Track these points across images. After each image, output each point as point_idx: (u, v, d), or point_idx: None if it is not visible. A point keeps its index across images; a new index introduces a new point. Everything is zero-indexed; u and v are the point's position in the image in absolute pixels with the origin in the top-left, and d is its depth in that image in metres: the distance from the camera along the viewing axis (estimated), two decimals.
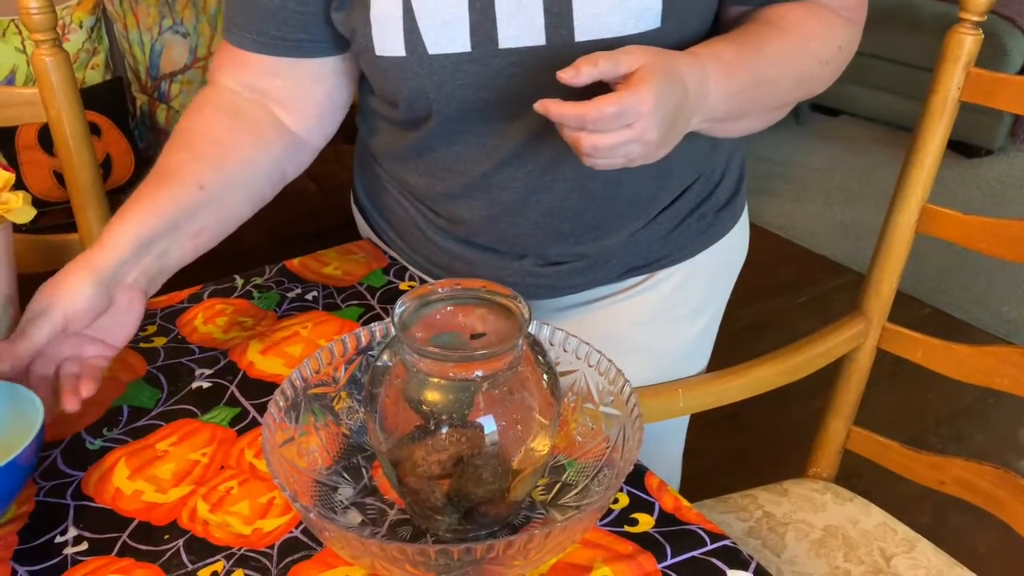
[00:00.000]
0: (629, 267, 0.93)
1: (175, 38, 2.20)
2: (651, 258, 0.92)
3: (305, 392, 0.68)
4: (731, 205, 0.95)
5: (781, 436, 2.04)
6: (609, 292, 0.95)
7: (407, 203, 0.95)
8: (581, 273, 0.92)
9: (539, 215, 0.86)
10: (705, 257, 0.95)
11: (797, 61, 0.77)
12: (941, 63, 0.92)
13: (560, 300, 0.97)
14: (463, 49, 0.75)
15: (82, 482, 0.71)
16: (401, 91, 0.79)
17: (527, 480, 0.64)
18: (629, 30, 0.72)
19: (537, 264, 0.91)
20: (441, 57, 0.75)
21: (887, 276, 1.04)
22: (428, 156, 0.86)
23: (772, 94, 0.79)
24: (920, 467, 1.07)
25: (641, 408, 0.64)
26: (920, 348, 1.04)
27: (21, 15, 0.93)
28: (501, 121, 0.80)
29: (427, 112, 0.81)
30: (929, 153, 0.96)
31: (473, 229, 0.90)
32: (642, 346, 0.97)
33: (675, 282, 0.95)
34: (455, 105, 0.79)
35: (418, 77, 0.77)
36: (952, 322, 2.48)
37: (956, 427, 2.10)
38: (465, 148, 0.83)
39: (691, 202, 0.91)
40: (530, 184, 0.83)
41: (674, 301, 0.96)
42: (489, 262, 0.92)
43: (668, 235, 0.92)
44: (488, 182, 0.84)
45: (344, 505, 0.67)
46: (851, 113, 3.84)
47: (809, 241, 2.91)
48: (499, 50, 0.74)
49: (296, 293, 0.96)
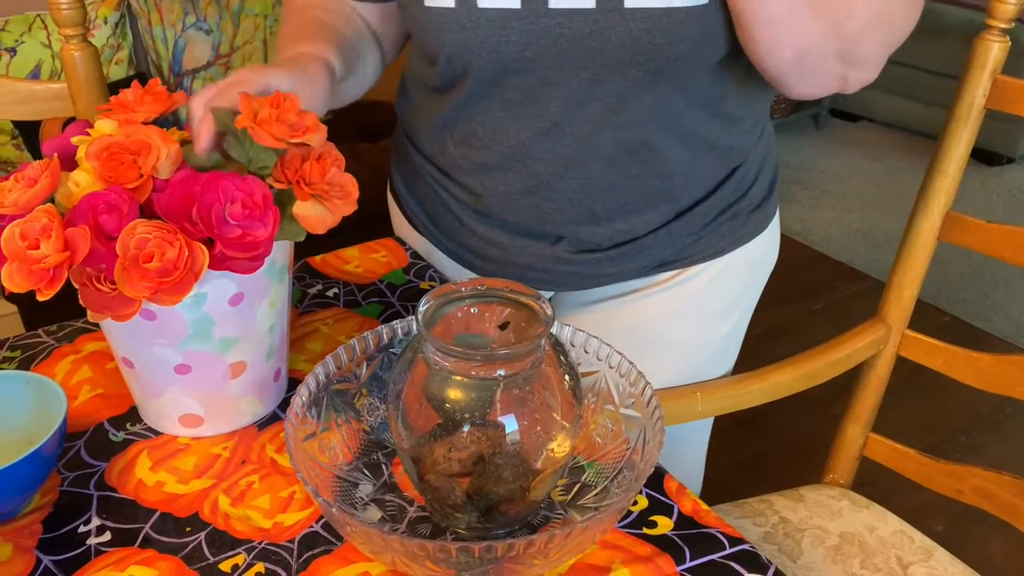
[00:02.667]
0: (661, 260, 0.93)
1: (198, 35, 2.21)
2: (683, 253, 0.93)
3: (327, 388, 0.69)
4: (764, 207, 0.95)
5: (797, 442, 2.03)
6: (639, 286, 0.95)
7: (440, 187, 0.95)
8: (612, 262, 0.92)
9: (573, 191, 0.85)
10: (736, 257, 0.95)
11: None
12: (968, 70, 0.92)
13: (590, 293, 0.97)
14: (513, 5, 0.75)
15: (105, 472, 0.72)
16: (444, 45, 0.79)
17: (547, 480, 0.64)
18: (679, 2, 0.72)
19: (570, 251, 0.91)
20: (490, 11, 0.75)
21: (908, 283, 1.03)
22: (464, 124, 0.86)
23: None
24: (938, 475, 1.07)
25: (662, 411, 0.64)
26: (940, 356, 1.04)
27: (51, 10, 0.94)
28: (542, 87, 0.79)
29: (466, 69, 0.80)
30: (953, 160, 0.96)
31: (506, 204, 0.89)
32: (670, 342, 0.97)
33: (706, 279, 0.95)
34: (496, 63, 0.78)
35: (464, 30, 0.77)
36: (971, 331, 2.47)
37: (973, 437, 2.08)
38: (503, 115, 0.83)
39: (725, 200, 0.91)
40: (567, 157, 0.83)
41: (704, 298, 0.96)
42: (522, 247, 0.92)
43: (701, 231, 0.92)
44: (524, 152, 0.84)
45: (364, 501, 0.68)
46: (870, 119, 3.83)
47: (827, 247, 2.90)
48: (548, 9, 0.74)
49: (317, 289, 0.97)
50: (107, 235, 0.63)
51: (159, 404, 0.74)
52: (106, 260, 0.62)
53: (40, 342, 0.88)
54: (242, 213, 0.63)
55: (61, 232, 0.62)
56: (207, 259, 0.62)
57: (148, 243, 0.61)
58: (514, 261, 0.93)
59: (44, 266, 0.61)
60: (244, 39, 2.26)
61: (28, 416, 0.70)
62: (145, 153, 0.65)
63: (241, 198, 0.64)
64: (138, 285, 0.61)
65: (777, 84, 0.79)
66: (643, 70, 0.76)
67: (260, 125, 0.65)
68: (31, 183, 0.65)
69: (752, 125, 0.90)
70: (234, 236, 0.63)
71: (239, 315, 0.69)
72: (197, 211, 0.63)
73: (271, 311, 0.72)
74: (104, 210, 0.63)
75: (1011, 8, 0.88)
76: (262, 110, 0.66)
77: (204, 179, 0.64)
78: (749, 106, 0.88)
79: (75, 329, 0.89)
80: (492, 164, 0.87)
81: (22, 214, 0.64)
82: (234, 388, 0.73)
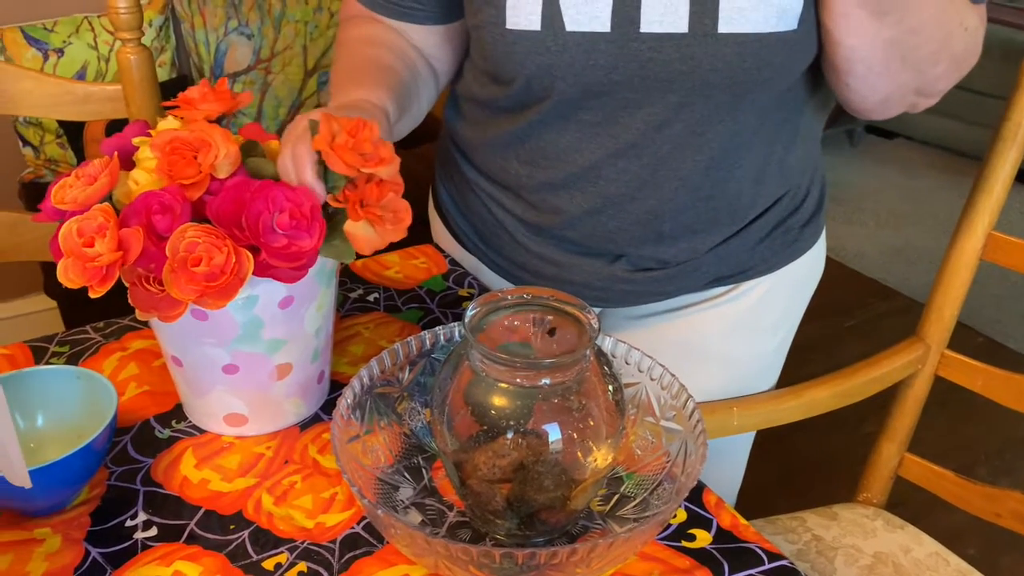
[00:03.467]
0: (716, 276, 0.93)
1: (240, 39, 2.24)
2: (738, 268, 0.93)
3: (371, 391, 0.69)
4: (814, 222, 0.96)
5: (829, 460, 2.01)
6: (693, 301, 0.95)
7: (495, 204, 0.94)
8: (671, 280, 0.92)
9: (643, 212, 0.85)
10: (787, 272, 0.95)
11: (946, 5, 0.74)
12: (1017, 89, 0.91)
13: (641, 308, 0.97)
14: (603, 29, 0.74)
15: (151, 468, 0.73)
16: (525, 68, 0.78)
17: (588, 490, 0.65)
18: (771, 27, 0.73)
19: (628, 270, 0.91)
20: (578, 35, 0.75)
21: (949, 302, 1.02)
22: (534, 142, 0.85)
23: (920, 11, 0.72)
24: (975, 498, 1.05)
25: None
26: (980, 377, 1.03)
27: (109, 14, 0.96)
28: (623, 108, 0.79)
29: (547, 93, 0.79)
30: (999, 180, 0.95)
31: (569, 223, 0.88)
32: (722, 357, 0.97)
33: (758, 294, 0.95)
34: (580, 86, 0.78)
35: (549, 53, 0.76)
36: (1006, 352, 2.43)
37: (1007, 460, 2.05)
38: (579, 136, 0.82)
39: (779, 215, 0.92)
40: (641, 178, 0.83)
41: (757, 313, 0.96)
42: (579, 265, 0.91)
43: (756, 246, 0.92)
44: (596, 173, 0.83)
45: (404, 505, 0.68)
46: (907, 136, 3.79)
47: (860, 264, 2.88)
48: (639, 33, 0.74)
49: (358, 294, 0.98)
50: (159, 235, 0.64)
51: (205, 403, 0.75)
52: (156, 260, 0.64)
53: (88, 338, 0.89)
54: (289, 223, 0.64)
55: (116, 232, 0.63)
56: (252, 266, 0.63)
57: (197, 247, 0.62)
58: (570, 279, 0.92)
59: (98, 264, 0.63)
60: (285, 44, 2.29)
61: (78, 410, 0.72)
62: (206, 150, 0.66)
63: (289, 208, 0.65)
64: (185, 288, 0.62)
65: (852, 111, 0.83)
66: (729, 94, 0.76)
67: (335, 151, 0.65)
68: (91, 180, 0.66)
69: (813, 143, 0.90)
70: (279, 245, 0.64)
71: (288, 318, 0.70)
72: (246, 218, 0.64)
73: (318, 314, 0.73)
74: (158, 210, 0.64)
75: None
76: (339, 135, 0.66)
77: (255, 187, 0.65)
78: (814, 125, 0.89)
79: (122, 326, 0.91)
80: (560, 183, 0.86)
81: (81, 211, 0.65)
82: (279, 389, 0.74)
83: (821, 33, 0.75)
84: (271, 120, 2.35)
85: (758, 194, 0.88)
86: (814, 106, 0.86)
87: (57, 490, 0.66)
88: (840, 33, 0.73)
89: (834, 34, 0.74)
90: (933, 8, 0.73)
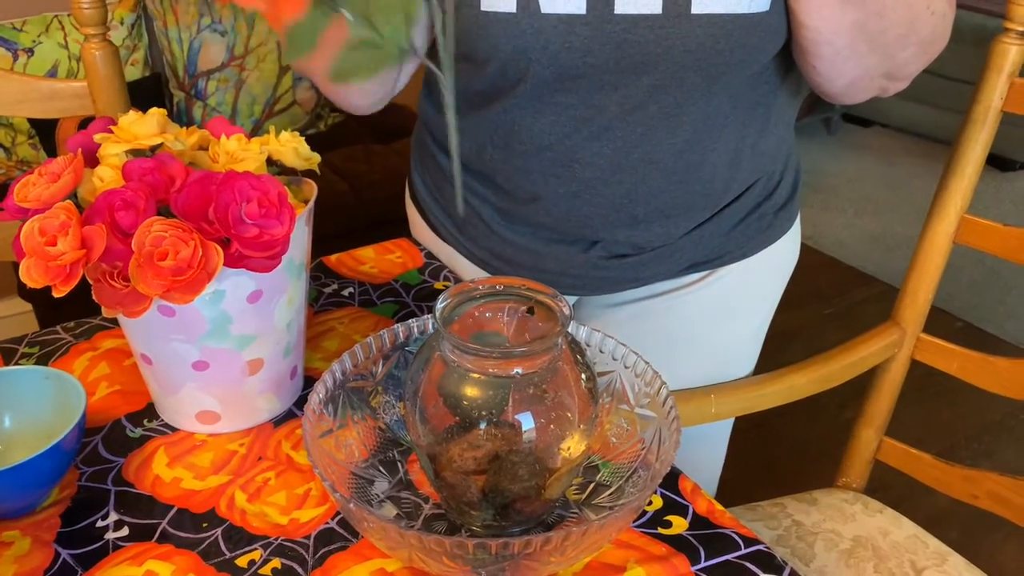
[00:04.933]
0: (691, 262, 0.93)
1: (213, 36, 2.22)
2: (713, 254, 0.93)
3: (344, 386, 0.69)
4: (787, 208, 0.96)
5: (809, 446, 2.02)
6: (669, 288, 0.95)
7: (470, 192, 0.94)
8: (645, 266, 0.92)
9: (618, 195, 0.85)
10: (762, 257, 0.95)
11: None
12: (985, 72, 0.91)
13: (619, 295, 0.97)
14: (577, 11, 0.74)
15: (123, 468, 0.72)
16: (500, 51, 0.78)
17: (562, 479, 0.64)
18: (743, 8, 0.73)
19: (603, 256, 0.90)
20: (553, 16, 0.75)
21: (923, 286, 1.03)
22: (508, 126, 0.84)
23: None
24: (953, 480, 1.06)
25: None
26: (956, 360, 1.03)
27: (73, 9, 0.95)
28: (598, 91, 0.78)
29: (522, 76, 0.79)
30: (970, 163, 0.96)
31: (544, 208, 0.88)
32: (700, 343, 0.97)
33: (734, 280, 0.95)
34: (556, 69, 0.77)
35: (524, 36, 0.76)
36: (984, 336, 2.45)
37: (986, 442, 2.07)
38: (553, 119, 0.82)
39: (753, 200, 0.92)
40: (615, 162, 0.82)
41: (732, 299, 0.96)
42: (555, 254, 0.91)
43: (730, 231, 0.92)
44: (571, 156, 0.83)
45: (380, 498, 0.68)
46: (883, 124, 3.81)
47: (838, 251, 2.89)
48: (614, 15, 0.74)
49: (333, 289, 0.97)
50: (123, 232, 0.63)
51: (176, 400, 0.74)
52: (121, 257, 0.63)
53: (58, 339, 0.88)
54: (258, 212, 0.64)
55: (79, 229, 0.62)
56: (221, 259, 0.63)
57: (164, 241, 0.62)
58: (546, 268, 0.92)
59: (60, 263, 0.62)
60: (259, 41, 2.27)
61: (48, 411, 0.71)
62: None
63: (257, 197, 0.64)
64: (152, 282, 0.61)
65: (821, 94, 0.83)
66: (703, 76, 0.76)
67: None
68: (54, 178, 0.65)
69: (786, 129, 0.91)
70: (251, 235, 0.64)
71: (257, 312, 0.70)
72: (214, 211, 0.63)
73: (289, 308, 0.73)
74: (121, 207, 0.63)
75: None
76: None
77: (220, 179, 0.64)
78: (787, 111, 0.89)
79: (92, 326, 0.90)
80: (535, 168, 0.85)
81: (43, 209, 0.65)
82: (251, 385, 0.73)
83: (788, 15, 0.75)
84: (246, 118, 2.33)
85: (732, 179, 0.88)
86: (787, 91, 0.86)
87: (26, 492, 0.65)
88: (805, 15, 0.73)
89: (800, 16, 0.74)
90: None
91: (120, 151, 0.68)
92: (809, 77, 0.81)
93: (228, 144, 0.71)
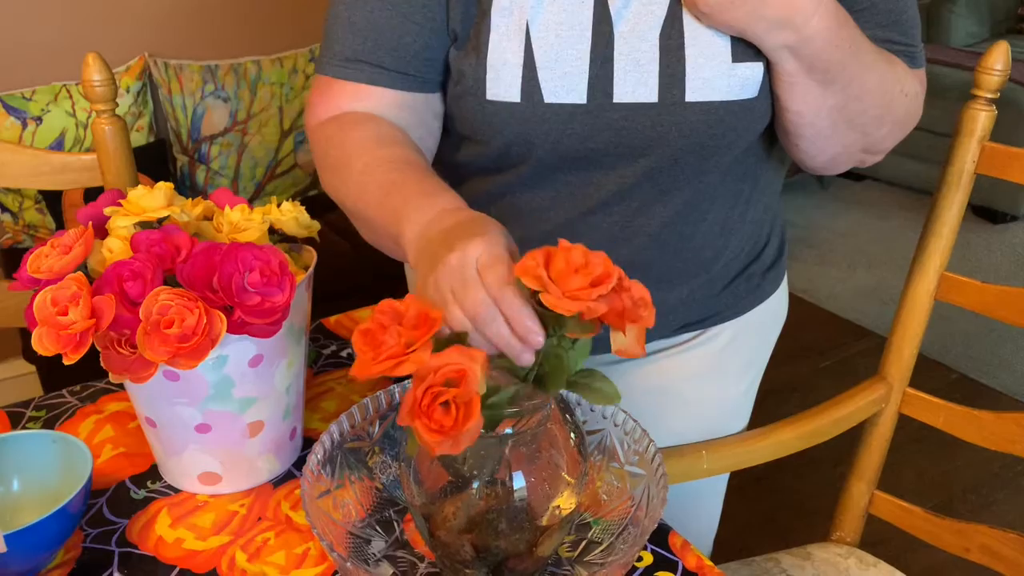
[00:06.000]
0: (683, 323, 0.96)
1: (216, 102, 2.28)
2: (704, 314, 0.96)
3: (341, 446, 0.71)
4: (775, 267, 1.00)
5: (807, 500, 2.02)
6: (661, 347, 0.98)
7: None
8: None
9: None
10: (753, 316, 0.98)
11: (886, 68, 0.79)
12: (956, 137, 0.95)
13: (612, 355, 0.99)
14: (578, 100, 0.78)
15: (126, 529, 0.74)
16: (503, 135, 0.81)
17: (554, 536, 0.66)
18: (734, 95, 0.77)
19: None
20: (556, 106, 0.79)
21: (908, 341, 1.05)
22: (508, 200, 0.88)
23: (863, 81, 0.77)
24: (945, 533, 1.07)
25: (666, 468, 0.66)
26: (942, 414, 1.05)
27: (84, 87, 0.99)
28: (599, 170, 0.83)
29: (524, 158, 0.83)
30: (946, 223, 0.99)
31: None
32: (692, 400, 0.99)
33: (725, 339, 0.98)
34: (557, 153, 0.81)
35: (527, 123, 0.80)
36: (979, 388, 2.47)
37: (984, 495, 2.07)
38: (553, 196, 0.85)
39: (742, 262, 0.95)
40: (612, 234, 0.86)
41: (724, 357, 0.99)
42: None
43: (720, 293, 0.95)
44: (570, 230, 0.86)
45: (376, 557, 0.70)
46: (874, 178, 3.87)
47: (833, 305, 2.92)
48: (613, 104, 0.78)
49: (332, 350, 1.00)
50: (131, 301, 0.66)
51: (179, 462, 0.76)
52: (129, 325, 0.66)
53: (64, 402, 0.91)
54: (260, 281, 0.67)
55: (89, 300, 0.65)
56: (224, 326, 0.66)
57: (170, 309, 0.64)
58: None
59: (71, 332, 0.65)
60: (261, 106, 2.33)
61: (55, 474, 0.73)
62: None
63: (259, 266, 0.67)
64: (158, 349, 0.64)
65: (804, 168, 0.88)
66: (695, 156, 0.81)
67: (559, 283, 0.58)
68: (66, 250, 0.69)
69: (772, 196, 0.95)
70: (253, 303, 0.67)
71: (258, 376, 0.72)
72: (218, 280, 0.66)
73: (288, 372, 0.75)
74: (129, 277, 0.66)
75: (996, 79, 0.92)
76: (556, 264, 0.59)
77: (224, 249, 0.67)
78: (774, 179, 0.93)
79: (98, 389, 0.92)
80: (534, 240, 0.86)
81: (56, 280, 0.68)
82: (252, 446, 0.76)
83: (773, 100, 0.80)
84: (248, 181, 2.38)
85: (723, 246, 0.92)
86: (773, 164, 0.91)
87: (32, 554, 0.67)
88: (789, 100, 0.78)
89: (784, 101, 0.78)
90: (875, 76, 0.78)
91: (129, 223, 0.72)
92: (793, 154, 0.86)
93: (232, 215, 0.75)
